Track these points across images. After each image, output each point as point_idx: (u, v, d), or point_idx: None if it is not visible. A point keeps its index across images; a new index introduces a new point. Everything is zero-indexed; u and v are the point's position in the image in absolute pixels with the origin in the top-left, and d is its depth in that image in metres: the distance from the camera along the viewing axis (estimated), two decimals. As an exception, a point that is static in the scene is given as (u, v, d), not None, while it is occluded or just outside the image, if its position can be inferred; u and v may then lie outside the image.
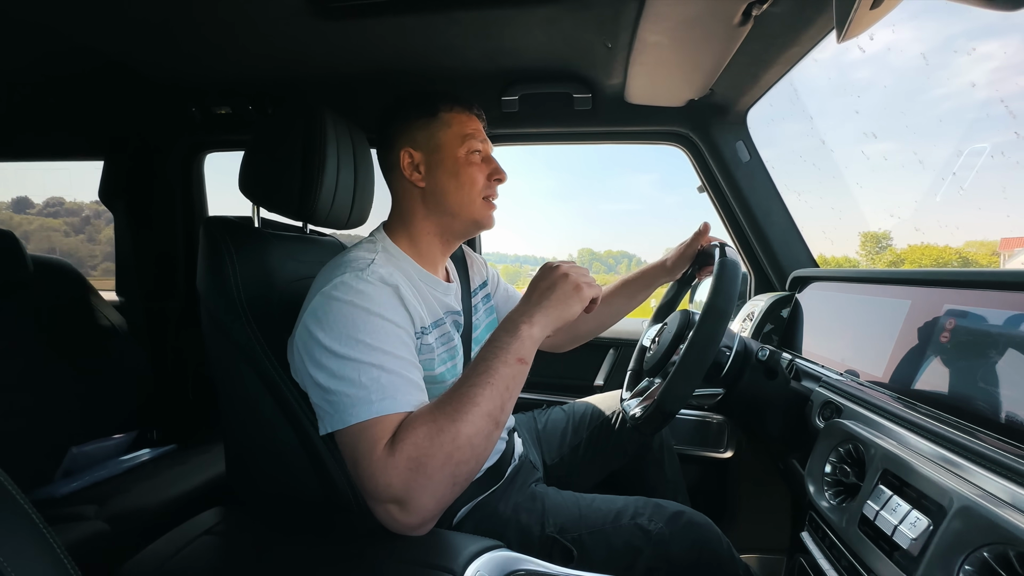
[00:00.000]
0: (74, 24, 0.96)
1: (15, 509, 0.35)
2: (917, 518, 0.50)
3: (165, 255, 1.63)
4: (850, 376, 0.82)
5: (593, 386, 1.48)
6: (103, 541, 0.92)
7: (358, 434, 0.59)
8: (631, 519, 0.78)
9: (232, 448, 0.81)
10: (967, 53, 71.53)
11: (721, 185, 1.32)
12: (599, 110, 1.27)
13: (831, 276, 1.05)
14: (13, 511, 0.35)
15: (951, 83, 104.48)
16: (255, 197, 0.87)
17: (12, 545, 0.33)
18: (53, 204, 18.07)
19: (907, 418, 0.63)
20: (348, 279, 0.66)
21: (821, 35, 0.88)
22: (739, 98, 1.17)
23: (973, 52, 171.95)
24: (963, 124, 21.24)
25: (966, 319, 0.64)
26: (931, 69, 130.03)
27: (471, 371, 0.63)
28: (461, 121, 0.79)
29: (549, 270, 0.71)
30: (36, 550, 0.34)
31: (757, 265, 1.35)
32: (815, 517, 0.70)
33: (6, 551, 0.32)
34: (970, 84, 48.20)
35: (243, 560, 0.62)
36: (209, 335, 0.79)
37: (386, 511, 0.58)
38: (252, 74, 1.19)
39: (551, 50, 1.04)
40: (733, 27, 0.83)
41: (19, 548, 0.33)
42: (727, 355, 0.85)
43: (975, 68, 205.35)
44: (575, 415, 1.13)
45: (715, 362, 0.85)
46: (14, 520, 0.34)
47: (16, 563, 0.32)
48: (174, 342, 1.63)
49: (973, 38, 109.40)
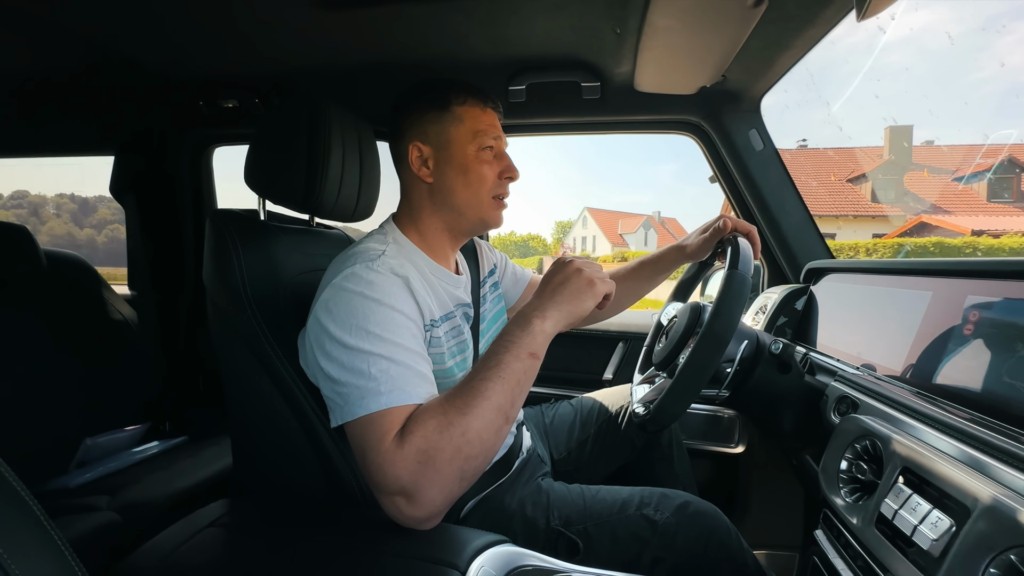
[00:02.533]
0: (82, 19, 0.96)
1: (17, 503, 0.35)
2: (939, 518, 0.48)
3: (175, 249, 1.65)
4: (867, 370, 0.80)
5: (602, 380, 1.47)
6: (114, 531, 0.93)
7: (367, 425, 0.59)
8: (637, 509, 0.77)
9: (239, 440, 0.82)
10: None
11: (734, 175, 1.29)
12: (608, 99, 1.24)
13: (848, 267, 1.02)
14: (15, 505, 0.34)
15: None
16: (260, 190, 0.86)
17: (13, 539, 0.33)
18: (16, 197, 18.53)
19: (928, 414, 0.61)
20: (359, 270, 0.65)
21: (839, 16, 0.85)
22: (753, 84, 1.14)
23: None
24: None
25: (991, 310, 0.61)
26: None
27: (482, 365, 0.62)
28: (474, 116, 0.77)
29: (562, 265, 0.70)
30: (38, 544, 0.34)
31: (770, 256, 1.32)
32: (829, 515, 0.69)
33: (7, 545, 0.32)
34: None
35: (248, 552, 0.62)
36: (215, 328, 0.79)
37: (393, 504, 0.58)
38: (259, 67, 1.18)
39: (558, 37, 1.02)
40: (747, 9, 0.80)
41: (20, 542, 0.33)
42: (728, 371, 0.83)
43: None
44: (583, 409, 1.11)
45: (715, 377, 0.84)
46: (15, 514, 0.34)
47: (17, 557, 0.32)
48: (185, 335, 1.65)
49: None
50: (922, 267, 0.78)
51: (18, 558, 0.32)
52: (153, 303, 1.60)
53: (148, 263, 1.61)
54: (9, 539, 0.32)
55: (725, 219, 0.93)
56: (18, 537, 0.33)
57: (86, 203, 11.05)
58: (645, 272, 1.05)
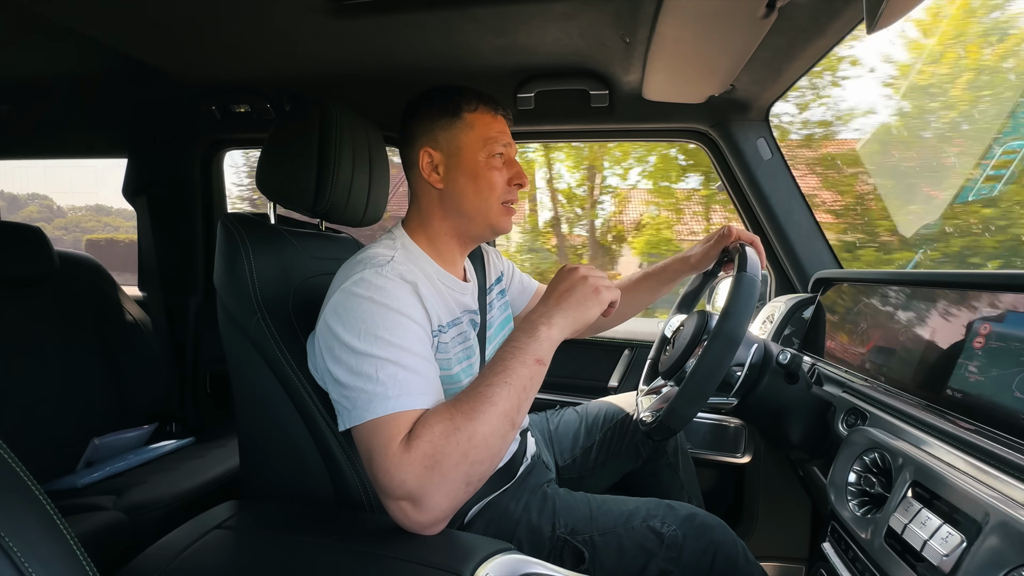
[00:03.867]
0: (96, 24, 0.98)
1: (31, 501, 0.35)
2: (949, 533, 0.48)
3: (185, 252, 1.67)
4: (876, 382, 0.79)
5: (607, 387, 1.46)
6: (121, 531, 0.94)
7: (374, 430, 0.59)
8: (643, 521, 0.76)
9: (246, 442, 0.82)
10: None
11: (741, 184, 1.29)
12: (616, 107, 1.25)
13: (856, 278, 1.02)
14: (29, 504, 0.35)
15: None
16: (271, 194, 0.87)
17: (27, 538, 0.33)
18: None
19: (938, 427, 0.60)
20: (368, 275, 0.66)
21: (850, 26, 0.85)
22: (761, 94, 1.14)
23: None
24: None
25: (1003, 324, 0.61)
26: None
27: (488, 371, 0.62)
28: (485, 123, 0.78)
29: (568, 272, 0.70)
30: (50, 542, 0.35)
31: (777, 265, 1.31)
32: (837, 527, 0.68)
33: (21, 544, 0.32)
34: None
35: (254, 555, 0.62)
36: (225, 330, 0.80)
37: (399, 508, 0.58)
38: (270, 72, 1.20)
39: (567, 46, 1.03)
40: (756, 20, 0.80)
41: (34, 541, 0.33)
42: (738, 375, 0.83)
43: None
44: (589, 416, 1.11)
45: (724, 381, 0.83)
46: (29, 512, 0.35)
47: (30, 555, 0.32)
48: (194, 337, 1.66)
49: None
50: (933, 278, 0.77)
51: (32, 556, 0.32)
52: (163, 304, 1.61)
53: (159, 265, 1.63)
54: (23, 537, 0.33)
55: (729, 227, 0.93)
56: (32, 535, 0.34)
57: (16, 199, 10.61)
58: (649, 283, 1.05)
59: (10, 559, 0.31)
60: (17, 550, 0.31)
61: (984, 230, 1.94)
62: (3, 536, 0.31)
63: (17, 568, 0.31)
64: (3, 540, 0.31)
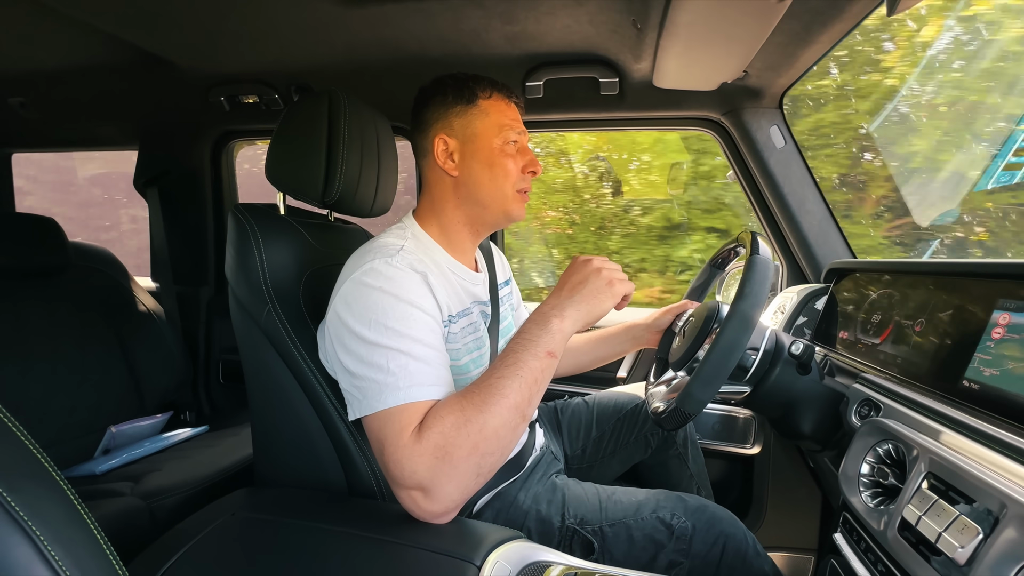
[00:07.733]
0: (106, 16, 0.98)
1: (53, 489, 0.36)
2: (965, 525, 0.47)
3: (197, 242, 1.68)
4: (890, 373, 0.78)
5: (616, 378, 1.46)
6: (138, 517, 0.96)
7: (385, 420, 0.59)
8: (653, 512, 0.76)
9: (258, 431, 0.83)
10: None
11: (753, 173, 1.27)
12: (626, 95, 1.23)
13: (871, 267, 1.00)
14: (51, 491, 0.36)
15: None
16: (280, 184, 0.87)
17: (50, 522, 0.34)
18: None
19: (955, 418, 0.59)
20: (378, 265, 0.66)
21: (868, 9, 0.83)
22: (775, 80, 1.11)
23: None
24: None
25: (1021, 313, 0.59)
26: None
27: (500, 363, 0.62)
28: (499, 110, 0.77)
29: (581, 264, 0.69)
30: (72, 527, 0.35)
31: (790, 256, 1.29)
32: (849, 519, 0.67)
33: (44, 528, 0.33)
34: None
35: (267, 541, 0.63)
36: (237, 320, 0.81)
37: (410, 498, 0.59)
38: (278, 63, 1.19)
39: (577, 32, 1.01)
40: (772, 3, 0.78)
41: (57, 526, 0.34)
42: (752, 359, 0.82)
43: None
44: (597, 407, 1.11)
45: (739, 365, 0.82)
46: (52, 499, 0.35)
47: (53, 540, 0.33)
48: (206, 327, 1.68)
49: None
50: (949, 268, 0.76)
51: (55, 541, 0.33)
52: (175, 295, 1.63)
53: (170, 256, 1.65)
54: (46, 522, 0.33)
55: (685, 302, 1.00)
56: (55, 521, 0.34)
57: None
58: (609, 344, 1.08)
59: (34, 544, 0.31)
60: (41, 535, 0.32)
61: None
62: (27, 521, 0.32)
63: (41, 552, 0.32)
64: (27, 525, 0.32)
